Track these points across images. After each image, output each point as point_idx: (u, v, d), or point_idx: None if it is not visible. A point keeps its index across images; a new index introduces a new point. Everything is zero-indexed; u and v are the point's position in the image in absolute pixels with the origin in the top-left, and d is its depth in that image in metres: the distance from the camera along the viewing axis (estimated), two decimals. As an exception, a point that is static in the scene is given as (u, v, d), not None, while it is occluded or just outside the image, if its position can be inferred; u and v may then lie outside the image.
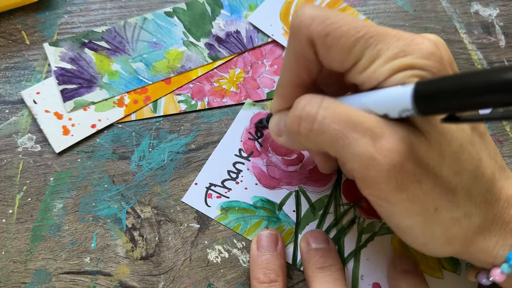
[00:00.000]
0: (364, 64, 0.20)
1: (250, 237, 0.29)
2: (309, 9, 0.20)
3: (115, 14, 0.34)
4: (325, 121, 0.19)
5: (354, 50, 0.19)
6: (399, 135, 0.18)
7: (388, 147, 0.18)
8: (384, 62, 0.19)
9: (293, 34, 0.21)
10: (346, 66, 0.20)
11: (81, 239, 0.28)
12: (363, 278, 0.28)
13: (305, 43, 0.20)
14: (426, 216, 0.20)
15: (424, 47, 0.19)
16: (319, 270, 0.26)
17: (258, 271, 0.26)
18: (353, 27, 0.19)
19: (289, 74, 0.22)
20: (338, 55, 0.20)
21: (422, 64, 0.19)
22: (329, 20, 0.20)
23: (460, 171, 0.20)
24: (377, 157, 0.18)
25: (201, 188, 0.30)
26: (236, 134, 0.31)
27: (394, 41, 0.19)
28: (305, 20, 0.20)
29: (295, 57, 0.21)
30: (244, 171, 0.30)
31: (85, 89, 0.32)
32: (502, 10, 0.37)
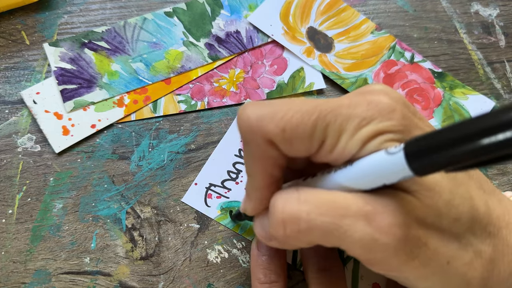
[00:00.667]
0: (330, 143, 0.19)
1: (250, 237, 0.29)
2: (252, 109, 0.19)
3: (115, 14, 0.34)
4: (311, 217, 0.18)
5: (315, 134, 0.19)
6: (391, 206, 0.18)
7: (386, 223, 0.17)
8: (351, 135, 0.18)
9: (248, 141, 0.20)
10: (312, 150, 0.19)
11: (81, 239, 0.28)
12: (363, 278, 0.28)
13: (264, 145, 0.19)
14: (441, 273, 0.19)
15: (383, 107, 0.18)
16: (319, 271, 0.26)
17: (258, 272, 0.26)
18: (305, 112, 0.19)
19: (260, 178, 0.21)
20: (301, 144, 0.19)
21: (388, 127, 0.18)
22: (278, 114, 0.19)
23: (458, 217, 0.19)
24: (378, 237, 0.17)
25: (201, 188, 0.30)
26: (236, 135, 0.31)
27: (352, 110, 0.18)
28: (254, 123, 0.19)
29: (259, 161, 0.20)
30: (244, 171, 0.30)
31: (85, 89, 0.32)
32: (502, 10, 0.37)
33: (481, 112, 0.14)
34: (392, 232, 0.17)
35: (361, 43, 0.35)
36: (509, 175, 0.32)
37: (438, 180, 0.19)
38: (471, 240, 0.20)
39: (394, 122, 0.18)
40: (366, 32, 0.35)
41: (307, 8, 0.36)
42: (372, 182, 0.18)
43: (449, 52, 0.35)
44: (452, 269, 0.19)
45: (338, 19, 0.36)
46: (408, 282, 0.20)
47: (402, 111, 0.19)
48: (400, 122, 0.18)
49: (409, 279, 0.19)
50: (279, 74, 0.34)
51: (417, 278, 0.19)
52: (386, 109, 0.18)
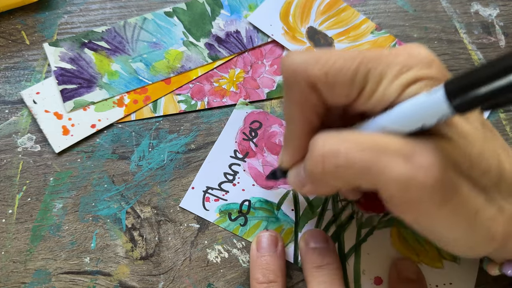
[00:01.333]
0: (370, 88, 0.19)
1: (250, 239, 0.29)
2: (297, 55, 0.20)
3: (115, 14, 0.34)
4: (351, 153, 0.18)
5: (356, 79, 0.19)
6: (430, 147, 0.18)
7: (425, 163, 0.17)
8: (390, 81, 0.19)
9: (291, 84, 0.20)
10: (352, 96, 0.20)
11: (81, 239, 0.28)
12: (364, 273, 0.28)
13: (306, 88, 0.20)
14: (469, 223, 0.19)
15: (423, 57, 0.19)
16: (316, 269, 0.26)
17: (257, 272, 0.26)
18: (348, 58, 0.19)
19: (298, 124, 0.22)
20: (343, 89, 0.20)
21: (428, 74, 0.19)
22: (321, 59, 0.19)
23: (487, 170, 0.20)
24: (416, 176, 0.17)
25: (198, 192, 0.30)
26: (231, 135, 0.31)
27: (393, 58, 0.19)
28: (299, 67, 0.20)
29: (299, 106, 0.21)
30: (240, 173, 0.30)
31: (85, 89, 0.32)
32: (502, 10, 0.37)
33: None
34: (430, 171, 0.17)
35: (361, 43, 0.35)
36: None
37: (471, 132, 0.19)
38: (496, 195, 0.20)
39: (433, 70, 0.19)
40: (366, 32, 0.35)
41: (307, 8, 0.36)
42: (412, 123, 0.18)
43: (449, 52, 0.35)
44: (478, 221, 0.19)
45: (338, 19, 0.36)
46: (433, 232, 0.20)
47: (439, 63, 0.19)
48: (437, 71, 0.19)
49: (437, 228, 0.19)
50: (279, 74, 0.33)
51: (445, 227, 0.19)
52: (425, 58, 0.19)
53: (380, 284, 0.28)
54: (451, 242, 0.21)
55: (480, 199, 0.19)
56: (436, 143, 0.18)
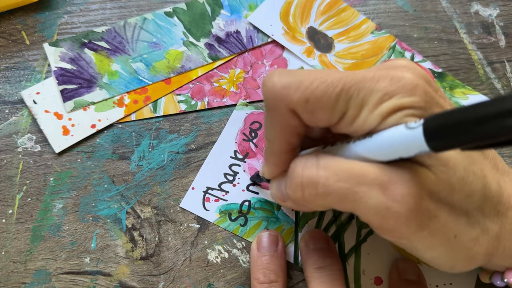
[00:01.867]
0: (351, 115, 0.19)
1: (250, 239, 0.29)
2: (279, 78, 0.20)
3: (115, 14, 0.34)
4: (329, 182, 0.19)
5: (337, 105, 0.19)
6: (406, 177, 0.18)
7: (400, 193, 0.18)
8: (372, 108, 0.19)
9: (271, 108, 0.20)
10: (333, 121, 0.20)
11: (81, 239, 0.28)
12: (364, 273, 0.28)
13: (287, 113, 0.20)
14: (447, 245, 0.20)
15: (406, 83, 0.19)
16: (317, 270, 0.26)
17: (258, 272, 0.26)
18: (330, 83, 0.19)
19: (278, 143, 0.22)
20: (323, 114, 0.19)
21: (410, 102, 0.18)
22: (303, 84, 0.19)
23: (470, 194, 0.20)
24: (391, 206, 0.18)
25: (199, 193, 0.30)
26: (231, 136, 0.31)
27: (374, 84, 0.19)
28: (279, 92, 0.19)
29: (279, 128, 0.21)
30: (240, 173, 0.30)
31: (85, 89, 0.32)
32: (502, 10, 0.37)
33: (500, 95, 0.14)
34: (405, 202, 0.18)
35: (361, 43, 0.35)
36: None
37: (453, 157, 0.19)
38: (479, 218, 0.20)
39: (415, 98, 0.18)
40: (366, 32, 0.35)
41: (307, 8, 0.36)
42: (389, 154, 0.18)
43: (449, 52, 0.35)
44: (458, 242, 0.20)
45: (338, 19, 0.36)
46: (416, 251, 0.21)
47: (424, 88, 0.19)
48: (421, 98, 0.19)
49: (417, 248, 0.20)
50: (279, 74, 0.33)
51: (425, 248, 0.20)
52: (408, 84, 0.19)
53: (380, 284, 0.28)
54: (431, 261, 0.21)
55: (460, 222, 0.20)
56: (414, 172, 0.18)
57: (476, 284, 0.28)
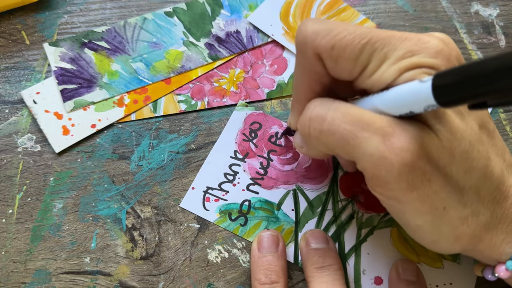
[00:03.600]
0: (372, 68, 0.20)
1: (250, 239, 0.29)
2: (312, 24, 0.21)
3: (115, 14, 0.34)
4: (335, 122, 0.19)
5: (361, 57, 0.20)
6: (410, 134, 0.18)
7: (399, 146, 0.18)
8: (391, 63, 0.19)
9: (300, 51, 0.21)
10: (355, 73, 0.20)
11: (81, 239, 0.28)
12: (365, 273, 0.28)
13: (312, 58, 0.21)
14: (435, 215, 0.20)
15: (431, 46, 0.19)
16: (318, 270, 0.26)
17: (259, 272, 0.26)
18: (358, 35, 0.19)
19: (302, 89, 0.22)
20: (346, 64, 0.20)
21: (430, 62, 0.19)
22: (332, 32, 0.20)
23: (469, 170, 0.20)
24: (388, 156, 0.18)
25: (199, 192, 0.30)
26: (231, 136, 0.31)
27: (400, 42, 0.19)
28: (309, 36, 0.20)
29: (305, 73, 0.22)
30: (240, 173, 0.30)
31: (85, 89, 0.32)
32: (502, 10, 0.37)
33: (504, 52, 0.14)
34: (401, 155, 0.18)
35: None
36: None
37: (462, 128, 0.20)
38: (473, 198, 0.20)
39: (437, 61, 0.19)
40: (366, 32, 0.35)
41: (307, 8, 0.36)
42: (400, 107, 0.18)
43: (449, 52, 0.35)
44: (446, 216, 0.20)
45: (338, 19, 0.36)
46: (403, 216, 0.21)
47: (448, 55, 0.19)
48: (441, 62, 0.19)
49: (404, 212, 0.20)
50: (279, 74, 0.34)
51: (412, 212, 0.20)
52: (433, 48, 0.19)
53: (380, 284, 0.28)
54: (416, 230, 0.21)
55: (453, 197, 0.20)
56: (419, 131, 0.19)
57: (476, 284, 0.28)
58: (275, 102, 0.33)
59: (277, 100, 0.33)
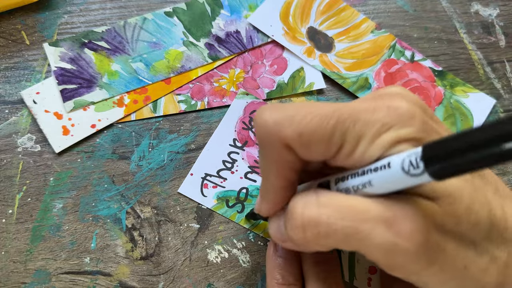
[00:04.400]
0: (348, 148, 0.19)
1: (246, 226, 0.29)
2: (270, 113, 0.19)
3: (115, 14, 0.34)
4: (331, 221, 0.18)
5: (333, 138, 0.18)
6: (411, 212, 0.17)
7: (407, 230, 0.17)
8: (370, 141, 0.18)
9: (265, 145, 0.20)
10: (329, 155, 0.19)
11: (81, 239, 0.28)
12: (359, 262, 0.28)
13: (281, 149, 0.19)
14: (458, 278, 0.19)
15: (403, 112, 0.18)
16: (314, 264, 0.26)
17: (276, 272, 0.26)
18: (324, 116, 0.18)
19: (275, 181, 0.21)
20: (319, 148, 0.19)
21: (408, 134, 0.18)
22: (295, 118, 0.19)
23: (476, 223, 0.19)
24: (399, 243, 0.17)
25: (197, 179, 0.30)
26: (230, 124, 0.31)
27: (370, 116, 0.18)
28: (271, 128, 0.19)
29: (275, 165, 0.20)
30: (239, 161, 0.31)
31: (85, 89, 0.32)
32: (502, 10, 0.37)
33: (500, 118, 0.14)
34: (413, 238, 0.17)
35: (361, 43, 0.35)
36: (509, 175, 0.32)
37: (457, 186, 0.19)
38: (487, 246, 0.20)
39: (414, 128, 0.18)
40: (366, 31, 0.35)
41: (307, 8, 0.36)
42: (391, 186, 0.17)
43: (449, 52, 0.35)
44: (469, 274, 0.19)
45: (338, 18, 0.36)
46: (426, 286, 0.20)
47: (421, 117, 0.18)
48: (419, 128, 0.18)
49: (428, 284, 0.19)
50: (279, 74, 0.34)
51: (436, 283, 0.19)
52: (405, 114, 0.18)
53: (374, 273, 0.28)
54: None
55: (469, 253, 0.19)
56: (418, 206, 0.18)
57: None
58: (275, 102, 0.33)
59: (277, 100, 0.33)
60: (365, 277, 0.28)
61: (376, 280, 0.28)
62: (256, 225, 0.29)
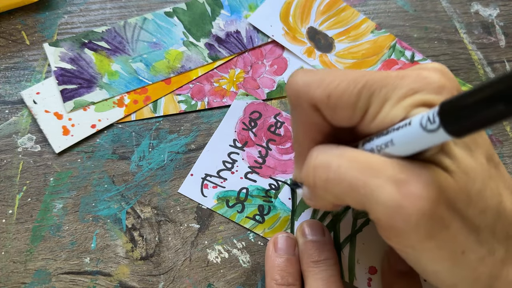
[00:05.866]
0: (373, 111, 0.19)
1: (246, 225, 0.29)
2: (302, 76, 0.20)
3: (115, 14, 0.34)
4: (342, 169, 0.18)
5: (359, 102, 0.19)
6: (426, 179, 0.17)
7: (416, 193, 0.17)
8: (394, 103, 0.18)
9: (294, 105, 0.21)
10: (355, 120, 0.19)
11: (81, 239, 0.28)
12: (359, 262, 0.28)
13: (309, 110, 0.20)
14: (454, 261, 0.19)
15: (432, 81, 0.18)
16: (314, 264, 0.26)
17: (275, 273, 0.26)
18: (352, 80, 0.19)
19: (304, 142, 0.22)
20: (345, 112, 0.19)
21: (434, 99, 0.18)
22: (325, 81, 0.19)
23: (484, 210, 0.19)
24: (404, 205, 0.17)
25: (197, 179, 0.30)
26: (230, 125, 0.32)
27: (398, 81, 0.18)
28: (301, 89, 0.20)
29: (303, 125, 0.21)
30: (239, 161, 0.31)
31: (85, 89, 0.32)
32: (502, 10, 0.37)
33: None
34: (419, 204, 0.17)
35: (361, 43, 0.35)
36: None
37: (473, 168, 0.19)
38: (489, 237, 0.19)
39: (440, 97, 0.18)
40: (366, 31, 0.35)
41: (307, 8, 0.36)
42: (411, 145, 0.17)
43: (449, 52, 0.35)
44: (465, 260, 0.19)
45: (338, 18, 0.36)
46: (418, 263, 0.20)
47: (451, 91, 0.18)
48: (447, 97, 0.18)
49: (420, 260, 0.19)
50: (279, 74, 0.34)
51: (429, 260, 0.19)
52: (434, 83, 0.18)
53: (374, 273, 0.28)
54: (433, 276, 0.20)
55: (470, 238, 0.19)
56: (434, 175, 0.17)
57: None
58: (275, 102, 0.33)
59: (277, 100, 0.33)
60: (365, 277, 0.28)
61: (376, 281, 0.28)
62: (258, 224, 0.29)
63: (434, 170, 0.18)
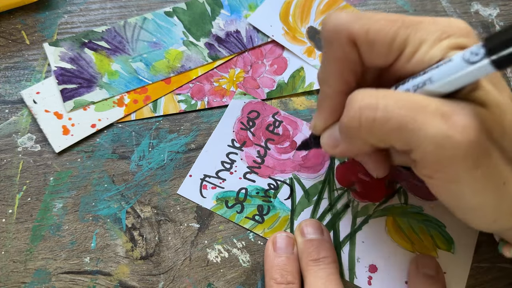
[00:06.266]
0: (410, 51, 0.20)
1: (246, 226, 0.29)
2: (341, 14, 0.21)
3: (115, 14, 0.34)
4: (389, 108, 0.19)
5: (396, 40, 0.20)
6: (468, 110, 0.18)
7: (462, 123, 0.18)
8: (431, 45, 0.19)
9: (330, 40, 0.21)
10: (391, 58, 0.20)
11: (81, 239, 0.28)
12: (359, 261, 0.28)
13: (347, 44, 0.21)
14: (497, 192, 0.19)
15: (462, 27, 0.20)
16: (313, 262, 0.26)
17: (275, 272, 0.26)
18: (389, 20, 0.20)
19: (334, 83, 0.22)
20: (382, 48, 0.20)
21: (467, 42, 0.19)
22: (364, 18, 0.20)
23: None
24: (452, 135, 0.18)
25: (196, 180, 0.30)
26: (228, 125, 0.32)
27: (432, 26, 0.20)
28: (342, 23, 0.21)
29: (337, 63, 0.21)
30: (237, 161, 0.31)
31: (85, 89, 0.32)
32: (502, 10, 0.37)
33: None
34: (467, 132, 0.18)
35: (361, 43, 0.35)
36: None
37: (505, 102, 0.20)
38: None
39: (471, 40, 0.20)
40: (366, 31, 0.35)
41: (307, 7, 0.36)
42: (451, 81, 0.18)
43: (449, 51, 0.35)
44: (506, 192, 0.20)
45: (338, 18, 0.36)
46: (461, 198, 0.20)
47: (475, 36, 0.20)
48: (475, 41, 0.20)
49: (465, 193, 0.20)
50: (279, 74, 0.34)
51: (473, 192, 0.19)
52: (464, 29, 0.20)
53: (374, 272, 0.28)
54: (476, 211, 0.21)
55: (508, 169, 0.20)
56: (473, 107, 0.19)
57: (476, 283, 0.28)
58: (275, 102, 0.33)
59: (277, 100, 0.33)
60: (365, 275, 0.28)
61: (376, 279, 0.28)
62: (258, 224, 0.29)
63: (471, 104, 0.19)
